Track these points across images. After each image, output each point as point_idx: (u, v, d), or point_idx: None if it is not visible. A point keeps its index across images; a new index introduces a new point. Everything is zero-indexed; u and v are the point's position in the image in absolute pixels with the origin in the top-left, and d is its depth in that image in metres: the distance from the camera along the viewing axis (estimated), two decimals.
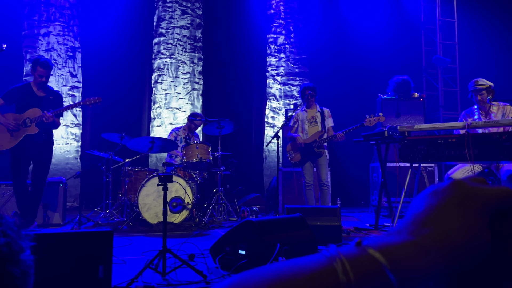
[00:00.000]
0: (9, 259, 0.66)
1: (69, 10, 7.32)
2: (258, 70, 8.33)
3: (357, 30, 8.46)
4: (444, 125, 4.37)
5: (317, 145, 5.22)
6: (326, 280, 0.36)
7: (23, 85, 4.67)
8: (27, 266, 0.69)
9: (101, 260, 1.90)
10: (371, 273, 0.36)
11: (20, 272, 0.67)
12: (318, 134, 5.28)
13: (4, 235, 0.67)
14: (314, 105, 5.42)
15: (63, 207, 5.16)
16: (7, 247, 0.66)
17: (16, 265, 0.66)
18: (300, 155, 5.32)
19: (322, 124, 5.34)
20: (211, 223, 5.18)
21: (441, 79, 8.62)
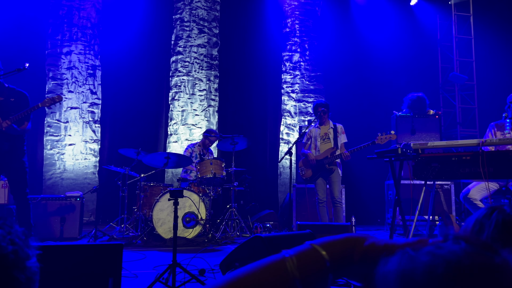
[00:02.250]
0: (15, 265, 0.71)
1: (91, 29, 7.59)
2: (273, 87, 8.42)
3: (373, 47, 8.49)
4: (457, 142, 4.33)
5: (328, 161, 5.23)
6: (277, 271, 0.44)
7: None
8: (32, 272, 0.74)
9: (111, 273, 1.95)
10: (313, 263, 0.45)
11: (25, 278, 0.72)
12: (330, 151, 5.28)
13: (12, 243, 0.73)
14: (327, 121, 5.45)
15: (80, 221, 5.27)
16: (14, 254, 0.71)
17: (22, 271, 0.72)
18: (312, 172, 5.34)
19: (334, 141, 5.35)
20: (223, 239, 5.20)
21: (458, 96, 8.53)
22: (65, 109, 7.28)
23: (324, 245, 0.47)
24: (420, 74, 8.40)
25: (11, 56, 6.56)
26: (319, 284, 0.45)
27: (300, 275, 0.44)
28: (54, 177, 7.11)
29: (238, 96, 8.19)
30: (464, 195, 4.60)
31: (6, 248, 0.71)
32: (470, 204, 4.55)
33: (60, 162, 7.15)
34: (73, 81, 7.38)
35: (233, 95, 8.20)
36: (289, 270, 0.45)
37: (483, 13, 8.74)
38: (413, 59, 8.46)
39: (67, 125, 7.22)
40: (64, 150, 7.19)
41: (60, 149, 7.18)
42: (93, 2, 7.61)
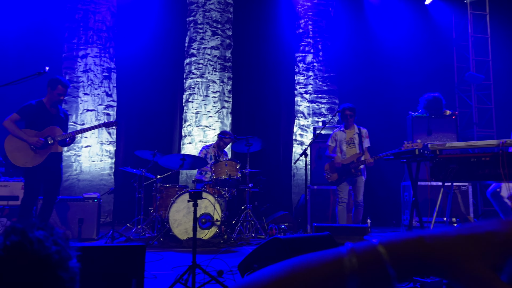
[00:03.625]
0: (59, 265, 0.73)
1: (106, 33, 7.68)
2: (287, 88, 8.41)
3: (387, 47, 8.43)
4: (476, 143, 4.27)
5: (354, 166, 5.33)
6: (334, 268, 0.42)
7: (37, 102, 4.58)
8: (74, 272, 0.76)
9: (134, 274, 1.97)
10: (373, 264, 0.41)
11: (69, 278, 0.74)
12: (356, 156, 5.38)
13: (55, 243, 0.75)
14: (353, 125, 5.54)
15: (97, 222, 5.33)
16: (58, 255, 0.74)
17: (66, 270, 0.74)
18: (337, 175, 5.43)
19: (359, 146, 5.44)
20: (239, 240, 5.21)
21: (474, 96, 8.42)
22: (81, 111, 7.37)
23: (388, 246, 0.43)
24: (435, 74, 8.31)
25: (29, 59, 6.69)
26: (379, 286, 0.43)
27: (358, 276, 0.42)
28: (70, 178, 7.20)
29: (251, 98, 8.20)
30: (492, 192, 4.52)
31: (50, 248, 0.73)
32: (498, 202, 4.47)
33: (76, 164, 7.25)
34: (89, 84, 7.48)
35: (247, 96, 8.21)
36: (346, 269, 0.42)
37: (499, 11, 8.61)
38: (428, 58, 8.38)
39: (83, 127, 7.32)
40: (80, 152, 7.28)
41: (77, 151, 7.27)
42: (108, 5, 7.71)
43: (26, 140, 4.36)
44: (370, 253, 0.43)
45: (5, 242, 0.70)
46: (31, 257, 0.69)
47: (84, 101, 7.41)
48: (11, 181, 5.31)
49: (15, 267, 0.68)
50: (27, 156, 4.38)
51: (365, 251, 0.43)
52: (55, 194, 4.57)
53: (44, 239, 0.73)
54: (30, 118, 4.49)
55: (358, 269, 0.42)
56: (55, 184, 4.57)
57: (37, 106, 4.54)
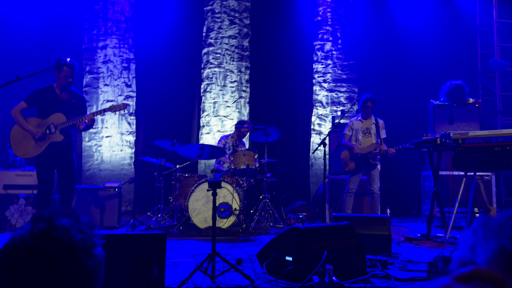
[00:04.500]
0: (84, 252, 0.74)
1: (125, 23, 7.74)
2: (305, 77, 8.34)
3: (408, 33, 8.24)
4: (501, 131, 4.16)
5: (372, 156, 5.38)
6: None
7: (46, 87, 4.41)
8: (99, 260, 0.78)
9: (155, 261, 2.01)
10: None
11: (94, 265, 0.76)
12: (373, 146, 5.41)
13: (81, 231, 0.77)
14: (370, 116, 5.58)
15: (118, 211, 5.43)
16: (83, 242, 0.75)
17: (90, 258, 0.75)
18: (355, 164, 5.47)
19: (376, 136, 5.48)
20: (257, 229, 5.24)
21: (498, 83, 8.18)
22: (101, 102, 7.48)
23: None
24: (458, 61, 8.09)
25: (50, 51, 6.80)
26: None
27: None
28: (92, 168, 7.35)
29: (269, 87, 8.17)
30: None
31: (76, 236, 0.74)
32: None
33: (98, 154, 7.38)
34: (109, 75, 7.57)
35: (264, 86, 8.18)
36: None
37: None
38: (450, 45, 8.16)
39: (104, 118, 7.43)
40: (101, 142, 7.41)
41: (98, 141, 7.40)
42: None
43: (27, 130, 4.24)
44: None
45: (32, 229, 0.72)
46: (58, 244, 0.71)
47: (104, 91, 7.52)
48: (35, 170, 5.44)
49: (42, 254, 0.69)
50: (28, 146, 4.26)
51: None
52: (71, 183, 4.44)
53: (70, 226, 0.75)
54: (39, 105, 4.34)
55: None
56: (69, 173, 4.42)
57: (45, 91, 4.37)
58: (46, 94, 4.34)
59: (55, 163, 4.38)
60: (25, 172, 5.33)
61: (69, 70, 4.32)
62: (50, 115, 4.31)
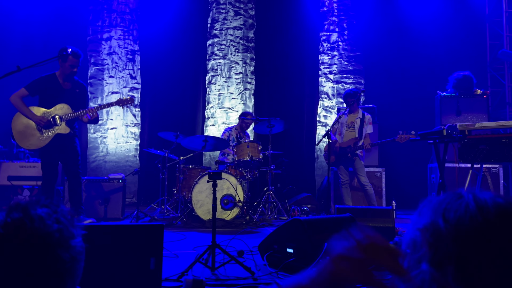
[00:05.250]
0: (60, 244, 0.72)
1: (129, 15, 7.71)
2: (310, 69, 8.26)
3: (415, 24, 8.11)
4: (509, 122, 4.08)
5: (351, 151, 5.44)
6: None
7: (48, 76, 4.30)
8: (76, 252, 0.74)
9: (153, 253, 1.99)
10: None
11: (69, 257, 0.73)
12: (353, 141, 5.47)
13: (58, 221, 0.74)
14: (357, 110, 5.61)
15: (122, 202, 5.44)
16: (59, 233, 0.72)
17: (66, 250, 0.72)
18: (335, 158, 5.57)
19: (359, 131, 5.51)
20: (261, 221, 5.22)
21: (508, 74, 8.04)
22: (106, 94, 7.48)
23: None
24: (466, 51, 7.95)
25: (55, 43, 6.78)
26: None
27: None
28: (97, 160, 7.37)
29: (274, 79, 8.10)
30: None
31: (52, 227, 0.71)
32: None
33: (103, 146, 7.40)
34: (114, 67, 7.56)
35: (269, 77, 8.12)
36: None
37: None
38: (458, 36, 8.02)
39: (109, 110, 7.43)
40: (106, 134, 7.42)
41: (103, 132, 7.41)
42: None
43: (31, 118, 4.11)
44: None
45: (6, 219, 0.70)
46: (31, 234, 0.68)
47: (109, 83, 7.51)
48: (39, 162, 5.47)
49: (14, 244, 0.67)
50: (32, 137, 4.16)
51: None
52: (77, 173, 4.39)
53: (46, 216, 0.72)
54: (41, 93, 4.25)
55: None
56: (73, 163, 4.35)
57: (47, 80, 4.25)
58: (49, 82, 4.26)
59: (60, 155, 4.35)
60: (29, 164, 5.36)
61: (74, 59, 4.26)
62: (54, 105, 4.24)
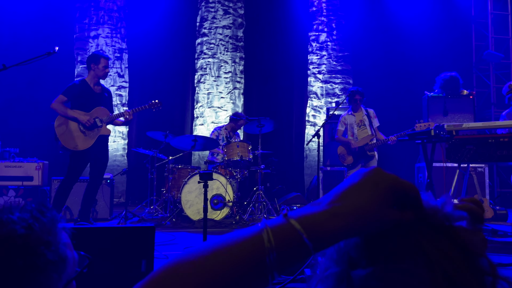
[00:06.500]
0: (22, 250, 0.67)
1: (117, 13, 7.62)
2: (299, 69, 8.28)
3: (403, 25, 8.19)
4: (495, 123, 4.15)
5: (369, 148, 5.40)
6: (253, 246, 0.43)
7: (81, 81, 4.50)
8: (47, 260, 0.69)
9: (144, 255, 1.97)
10: (290, 239, 0.43)
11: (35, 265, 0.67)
12: (369, 138, 5.43)
13: (28, 228, 0.68)
14: (360, 108, 5.57)
15: (110, 202, 5.39)
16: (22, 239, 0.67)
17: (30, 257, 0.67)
18: (353, 158, 5.50)
19: (370, 127, 5.51)
20: (251, 221, 5.22)
21: (493, 75, 8.18)
22: None
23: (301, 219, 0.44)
24: (452, 52, 8.07)
25: (41, 41, 6.68)
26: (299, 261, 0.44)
27: (276, 250, 0.43)
28: None
29: (263, 78, 8.10)
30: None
31: (15, 231, 0.67)
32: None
33: None
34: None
35: (259, 77, 8.12)
36: (265, 243, 0.43)
37: None
38: (445, 37, 8.13)
39: None
40: None
41: None
42: None
43: (77, 118, 4.30)
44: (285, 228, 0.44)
45: None
46: None
47: None
48: (25, 162, 5.39)
49: None
50: (78, 139, 4.32)
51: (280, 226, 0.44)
52: (102, 177, 4.56)
53: (18, 221, 0.68)
54: (75, 99, 4.40)
55: (275, 244, 0.43)
56: (102, 167, 4.52)
57: (81, 85, 4.43)
58: (83, 88, 4.43)
59: (94, 156, 4.46)
60: (15, 163, 5.27)
61: (106, 61, 4.50)
62: (91, 109, 4.41)
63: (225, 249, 0.44)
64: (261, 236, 0.44)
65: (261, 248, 0.43)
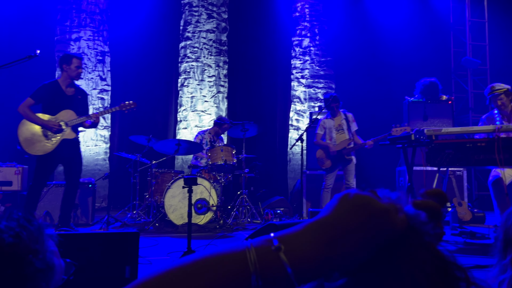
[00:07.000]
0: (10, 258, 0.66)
1: (99, 15, 7.54)
2: (283, 73, 8.34)
3: (384, 31, 8.35)
4: (473, 128, 4.27)
5: (347, 152, 5.46)
6: (236, 262, 0.41)
7: (51, 83, 4.38)
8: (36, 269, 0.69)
9: (128, 261, 1.96)
10: (273, 263, 0.41)
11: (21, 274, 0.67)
12: (346, 142, 5.49)
13: (16, 237, 0.68)
14: (339, 112, 5.64)
15: (92, 207, 5.32)
16: (10, 248, 0.67)
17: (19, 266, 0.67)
18: (331, 162, 5.55)
19: (348, 131, 5.57)
20: (235, 225, 5.22)
21: (470, 81, 8.39)
22: None
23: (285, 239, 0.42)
24: (432, 58, 8.25)
25: (21, 43, 6.56)
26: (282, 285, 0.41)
27: (259, 271, 0.41)
28: None
29: (247, 82, 8.13)
30: (494, 180, 4.42)
31: (3, 240, 0.67)
32: (498, 191, 4.39)
33: None
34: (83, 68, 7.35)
35: (243, 81, 8.14)
36: (248, 263, 0.41)
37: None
38: (425, 43, 8.31)
39: None
40: None
41: None
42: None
43: (42, 123, 4.20)
44: (267, 252, 0.42)
45: None
46: None
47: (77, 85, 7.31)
48: (4, 166, 5.27)
49: None
50: (39, 143, 4.22)
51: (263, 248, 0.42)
52: (77, 180, 4.47)
53: (5, 230, 0.67)
54: (44, 101, 4.30)
55: (258, 267, 0.41)
56: (76, 170, 4.43)
57: (51, 87, 4.32)
58: (52, 89, 4.32)
59: (64, 161, 4.38)
60: None
61: (79, 60, 4.39)
62: (58, 111, 4.30)
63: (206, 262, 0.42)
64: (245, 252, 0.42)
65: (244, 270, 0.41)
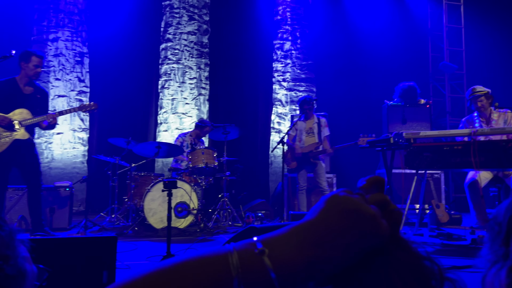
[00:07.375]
0: None
1: (78, 16, 7.41)
2: (265, 76, 8.36)
3: (364, 35, 8.47)
4: (449, 132, 4.35)
5: (313, 155, 5.54)
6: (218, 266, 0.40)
7: (7, 80, 4.18)
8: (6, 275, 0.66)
9: (105, 266, 1.92)
10: (256, 267, 0.40)
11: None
12: (314, 146, 5.57)
13: None
14: (312, 115, 5.72)
15: (69, 211, 5.20)
16: None
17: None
18: (296, 163, 5.65)
19: (318, 135, 5.65)
20: (216, 228, 5.19)
21: (448, 85, 8.58)
22: (52, 97, 7.12)
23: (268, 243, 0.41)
24: (411, 63, 8.41)
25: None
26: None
27: (241, 275, 0.40)
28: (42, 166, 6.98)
29: (229, 85, 8.11)
30: (471, 183, 4.51)
31: None
32: (473, 194, 4.48)
33: (48, 151, 7.03)
34: (60, 69, 7.22)
35: (224, 83, 8.12)
36: (230, 267, 0.40)
37: (473, 1, 8.76)
38: (404, 48, 8.47)
39: None
40: (51, 139, 7.06)
41: (48, 138, 7.05)
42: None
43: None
44: (250, 256, 0.41)
45: None
46: None
47: (55, 86, 7.16)
48: None
49: None
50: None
51: (246, 252, 0.41)
52: (38, 182, 4.26)
53: None
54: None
55: (241, 271, 0.40)
56: (34, 171, 4.23)
57: (6, 84, 4.14)
58: (8, 87, 4.14)
59: (16, 161, 4.18)
60: None
61: (38, 59, 4.21)
62: (12, 109, 4.11)
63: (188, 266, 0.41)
64: (227, 255, 0.41)
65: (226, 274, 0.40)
